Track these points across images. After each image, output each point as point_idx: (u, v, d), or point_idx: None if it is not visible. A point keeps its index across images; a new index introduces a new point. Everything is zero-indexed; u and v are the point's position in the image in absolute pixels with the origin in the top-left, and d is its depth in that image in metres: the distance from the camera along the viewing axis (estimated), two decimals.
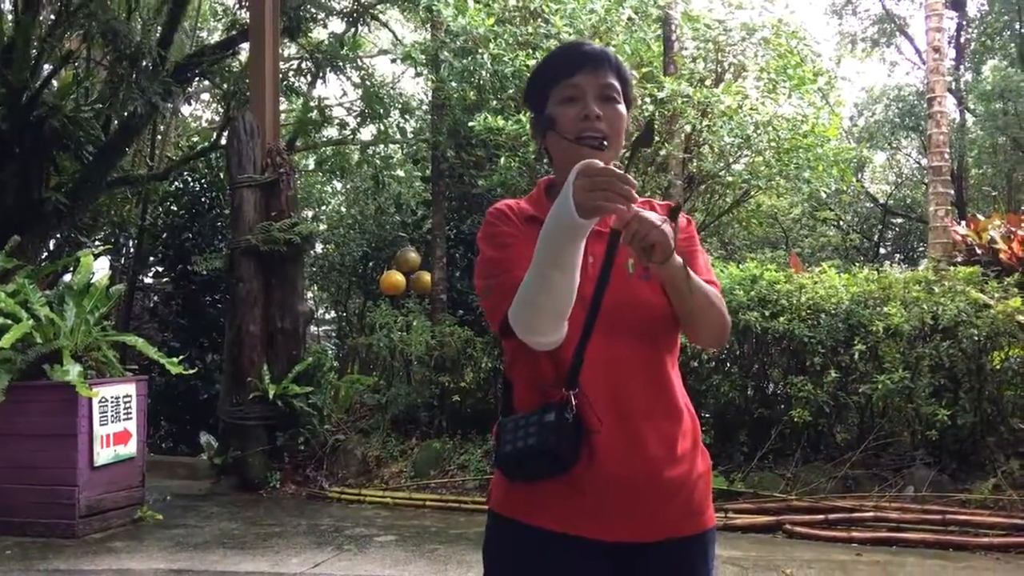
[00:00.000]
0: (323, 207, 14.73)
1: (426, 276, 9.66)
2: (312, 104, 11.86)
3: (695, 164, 8.30)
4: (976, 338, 6.17)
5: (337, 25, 12.23)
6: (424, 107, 11.05)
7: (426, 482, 7.34)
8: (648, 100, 7.60)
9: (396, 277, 10.10)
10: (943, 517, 5.63)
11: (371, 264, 11.89)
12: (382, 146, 12.48)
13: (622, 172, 1.41)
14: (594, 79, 1.71)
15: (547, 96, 1.75)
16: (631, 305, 1.67)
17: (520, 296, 1.57)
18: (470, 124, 7.83)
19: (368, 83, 11.87)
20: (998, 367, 6.42)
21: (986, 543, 5.37)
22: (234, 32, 10.72)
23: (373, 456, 7.78)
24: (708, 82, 8.41)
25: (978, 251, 7.96)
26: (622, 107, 1.74)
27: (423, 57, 9.02)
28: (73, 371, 5.93)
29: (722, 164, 8.28)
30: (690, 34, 8.59)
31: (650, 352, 1.69)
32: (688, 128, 8.10)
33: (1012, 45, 15.84)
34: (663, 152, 8.00)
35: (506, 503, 1.72)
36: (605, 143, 1.68)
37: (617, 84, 1.74)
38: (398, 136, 11.87)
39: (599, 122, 1.69)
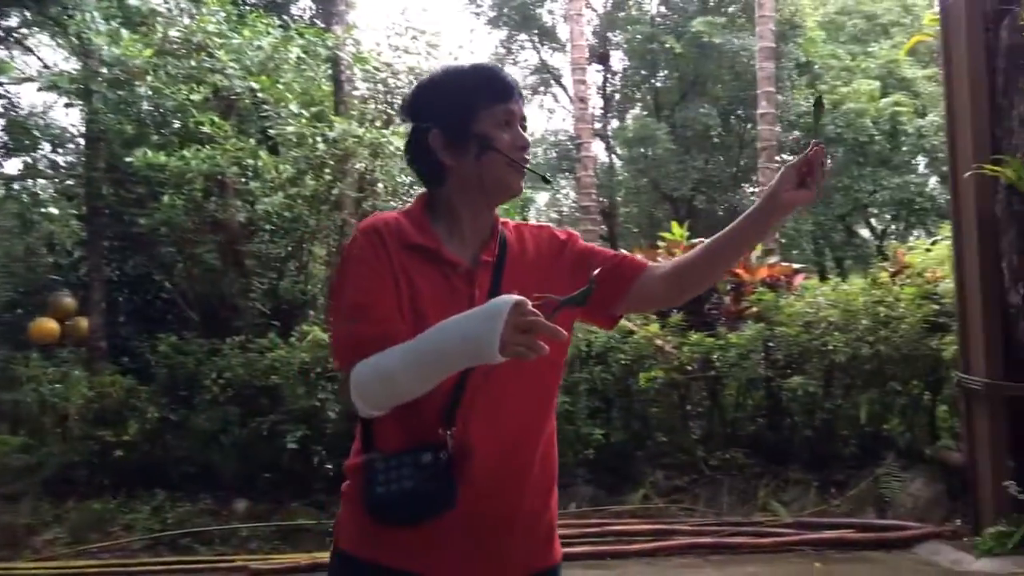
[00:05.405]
0: None
1: (83, 322, 8.92)
2: None
3: (369, 202, 8.42)
4: (624, 362, 6.83)
5: None
6: (79, 140, 10.24)
7: (86, 547, 6.73)
8: (319, 140, 7.61)
9: (49, 324, 9.23)
10: (601, 529, 6.13)
11: (19, 311, 10.77)
12: (31, 181, 11.37)
13: (552, 325, 1.38)
14: (519, 108, 1.72)
15: (474, 113, 1.66)
16: None
17: (382, 372, 1.49)
18: (128, 159, 7.39)
19: (13, 112, 10.79)
20: (644, 387, 7.15)
21: (638, 549, 5.90)
22: None
23: (22, 524, 7.00)
24: (378, 123, 8.59)
25: None
26: None
27: (72, 86, 8.37)
28: None
29: (397, 202, 8.49)
30: (361, 75, 8.75)
31: (529, 390, 1.68)
32: (360, 167, 8.21)
33: (649, 96, 17.77)
34: (336, 191, 8.04)
35: (364, 544, 1.62)
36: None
37: None
38: (49, 171, 10.88)
39: (526, 152, 1.72)
